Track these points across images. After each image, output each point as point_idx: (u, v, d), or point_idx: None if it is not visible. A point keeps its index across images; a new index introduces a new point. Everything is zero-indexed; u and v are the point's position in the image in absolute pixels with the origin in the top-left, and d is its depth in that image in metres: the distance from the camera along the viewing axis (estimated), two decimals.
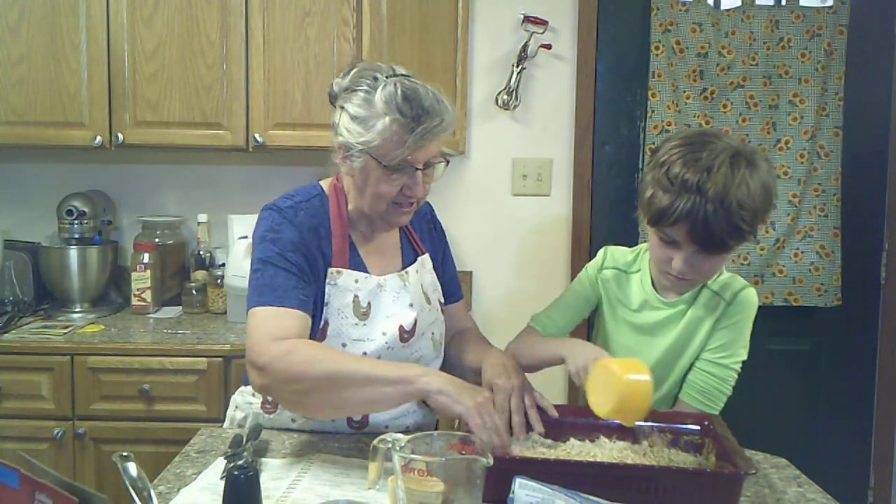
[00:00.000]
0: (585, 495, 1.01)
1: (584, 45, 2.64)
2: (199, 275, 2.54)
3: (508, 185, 2.69)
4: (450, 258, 1.66)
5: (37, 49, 2.28)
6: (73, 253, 2.42)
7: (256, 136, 2.33)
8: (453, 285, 1.64)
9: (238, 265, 2.32)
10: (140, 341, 2.16)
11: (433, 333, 1.49)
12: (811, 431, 2.77)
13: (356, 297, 1.39)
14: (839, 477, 2.04)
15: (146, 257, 2.45)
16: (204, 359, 2.11)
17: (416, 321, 1.43)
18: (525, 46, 2.56)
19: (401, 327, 1.41)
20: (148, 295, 2.45)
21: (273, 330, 1.25)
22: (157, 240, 2.57)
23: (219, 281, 2.45)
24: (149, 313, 2.46)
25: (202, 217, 2.58)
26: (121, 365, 2.10)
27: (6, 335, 2.18)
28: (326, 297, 1.38)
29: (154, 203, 2.69)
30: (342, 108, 1.35)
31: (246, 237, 2.42)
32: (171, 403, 2.11)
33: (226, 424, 1.56)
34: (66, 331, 2.23)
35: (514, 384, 1.29)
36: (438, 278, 1.57)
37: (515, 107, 2.61)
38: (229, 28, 2.31)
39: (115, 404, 2.11)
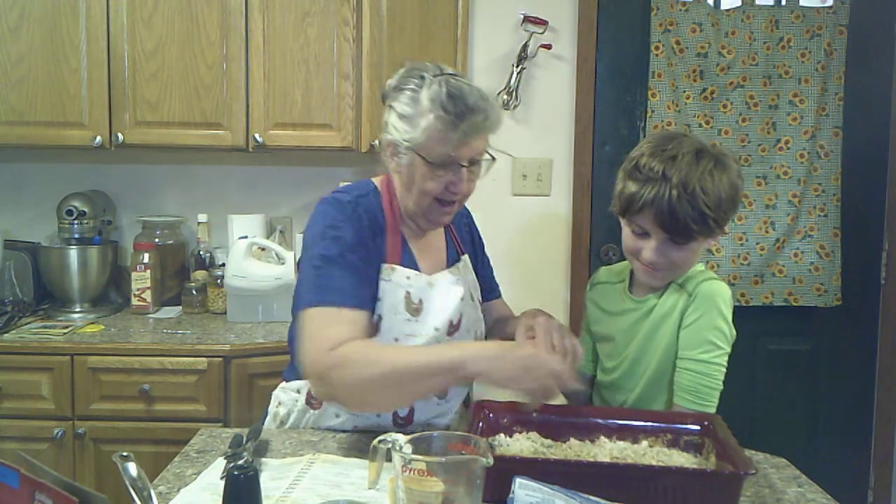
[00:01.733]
0: (585, 495, 1.01)
1: (584, 45, 2.64)
2: (199, 275, 2.54)
3: (508, 185, 2.69)
4: (487, 258, 1.74)
5: (37, 49, 2.28)
6: (73, 253, 2.42)
7: (256, 136, 2.33)
8: (493, 281, 1.73)
9: (238, 265, 2.33)
10: (140, 341, 2.16)
11: (476, 332, 1.52)
12: (811, 431, 2.77)
13: (408, 293, 1.40)
14: (839, 477, 2.04)
15: (146, 257, 2.45)
16: (204, 359, 2.11)
17: (461, 315, 1.46)
18: (525, 46, 2.56)
19: (450, 321, 1.43)
20: (148, 295, 2.45)
21: (331, 335, 1.25)
22: (157, 240, 2.57)
23: (219, 281, 2.45)
24: (149, 313, 2.46)
25: (202, 217, 2.58)
26: (121, 365, 2.10)
27: (6, 335, 2.18)
28: (380, 292, 1.38)
29: (154, 203, 2.69)
30: (391, 106, 1.39)
31: (246, 237, 2.42)
32: (171, 403, 2.11)
33: (268, 420, 1.55)
34: (66, 331, 2.23)
35: (553, 323, 1.32)
36: (478, 277, 1.62)
37: (515, 107, 2.61)
38: (229, 28, 2.31)
39: (115, 404, 2.11)
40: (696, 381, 1.38)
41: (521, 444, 1.25)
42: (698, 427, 1.26)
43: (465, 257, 1.60)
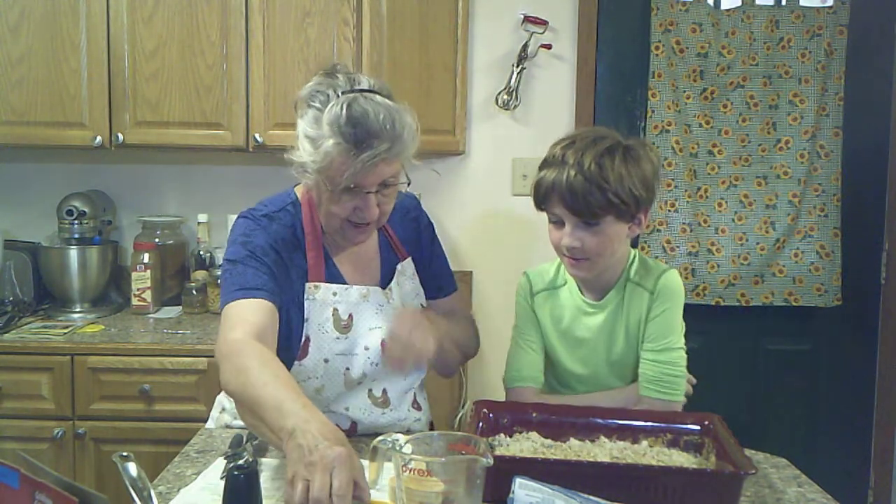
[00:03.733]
0: (585, 495, 1.01)
1: (584, 45, 2.64)
2: (199, 275, 2.54)
3: (508, 185, 2.69)
4: (439, 252, 1.59)
5: (37, 49, 2.28)
6: (73, 253, 2.42)
7: (256, 136, 2.33)
8: (443, 279, 1.58)
9: None
10: (140, 341, 2.16)
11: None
12: (811, 431, 2.77)
13: (335, 310, 1.38)
14: (839, 477, 2.04)
15: (146, 257, 2.45)
16: (204, 359, 2.11)
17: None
18: (525, 46, 2.56)
19: (383, 342, 1.37)
20: (148, 295, 2.45)
21: (234, 324, 1.23)
22: (157, 240, 2.57)
23: (219, 281, 2.45)
24: (149, 313, 2.46)
25: (202, 217, 2.58)
26: (121, 365, 2.10)
27: (6, 335, 2.18)
28: (306, 312, 1.36)
29: (154, 203, 2.69)
30: (300, 120, 1.32)
31: None
32: (171, 403, 2.11)
33: (209, 424, 1.52)
34: (66, 331, 2.23)
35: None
36: (424, 277, 1.53)
37: (515, 107, 2.61)
38: (229, 28, 2.31)
39: (115, 404, 2.11)
40: (659, 370, 1.39)
41: (522, 444, 1.25)
42: (698, 427, 1.26)
43: (405, 263, 1.50)
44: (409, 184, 1.35)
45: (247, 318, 1.24)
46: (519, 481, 1.02)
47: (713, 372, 1.64)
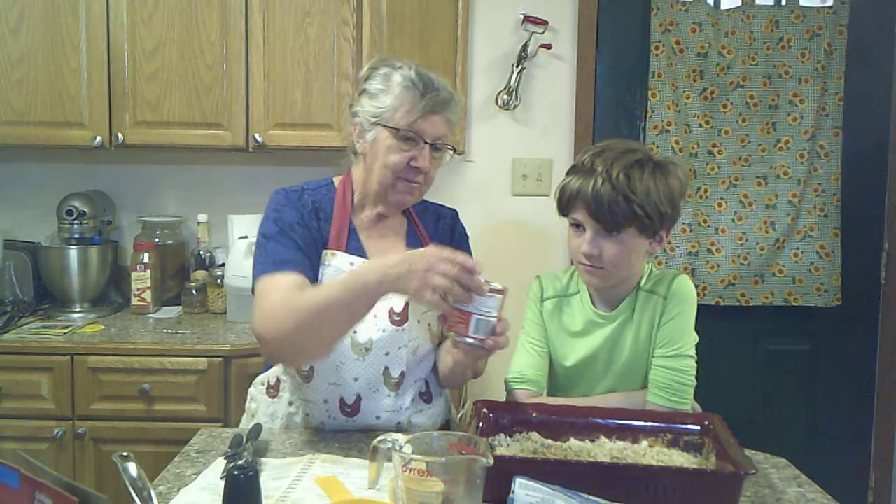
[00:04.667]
0: (585, 495, 1.01)
1: (584, 45, 2.64)
2: (199, 275, 2.54)
3: (508, 185, 2.69)
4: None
5: (37, 49, 2.28)
6: (73, 253, 2.42)
7: (256, 136, 2.33)
8: None
9: (238, 265, 2.32)
10: (140, 341, 2.16)
11: (429, 324, 1.50)
12: (811, 431, 2.77)
13: None
14: (839, 477, 2.04)
15: (146, 257, 2.45)
16: (204, 359, 2.11)
17: (406, 304, 1.44)
18: (525, 46, 2.56)
19: (391, 310, 1.43)
20: (148, 295, 2.45)
21: (267, 300, 1.32)
22: (157, 240, 2.57)
23: (219, 281, 2.45)
24: (149, 313, 2.46)
25: (202, 217, 2.58)
26: (121, 365, 2.10)
27: (6, 335, 2.18)
28: (320, 278, 1.42)
29: (154, 203, 2.69)
30: (363, 91, 1.47)
31: (246, 237, 2.42)
32: (171, 403, 2.11)
33: (244, 418, 1.59)
34: (66, 331, 2.23)
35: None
36: None
37: (515, 107, 2.61)
38: (229, 28, 2.31)
39: (115, 404, 2.11)
40: (669, 377, 1.38)
41: (522, 444, 1.25)
42: (698, 427, 1.26)
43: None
44: (455, 151, 1.52)
45: (278, 288, 1.32)
46: (519, 481, 1.02)
47: (713, 372, 1.63)
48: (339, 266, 1.43)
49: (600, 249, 1.37)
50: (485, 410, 1.30)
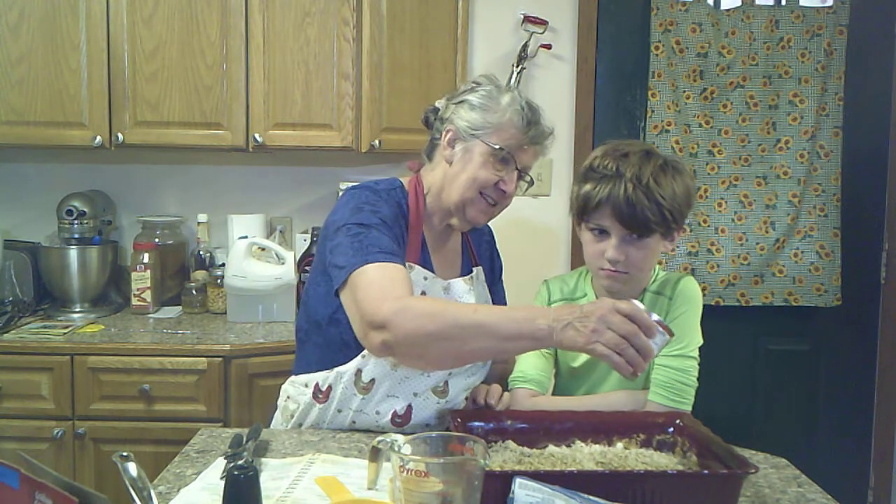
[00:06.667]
0: (585, 495, 1.01)
1: (584, 45, 2.64)
2: (199, 275, 2.54)
3: None
4: (502, 287, 1.74)
5: (37, 49, 2.28)
6: (73, 253, 2.42)
7: (256, 136, 2.33)
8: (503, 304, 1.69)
9: (238, 265, 2.33)
10: (140, 341, 2.16)
11: None
12: (811, 431, 2.77)
13: (423, 293, 1.41)
14: (839, 477, 2.04)
15: (146, 257, 2.45)
16: (204, 359, 2.11)
17: None
18: (525, 46, 2.56)
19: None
20: (148, 295, 2.45)
21: (387, 286, 1.25)
22: (157, 240, 2.57)
23: (219, 281, 2.45)
24: (149, 313, 2.46)
25: (202, 217, 2.58)
26: (121, 365, 2.10)
27: (6, 335, 2.18)
28: None
29: (154, 203, 2.69)
30: (462, 101, 1.46)
31: (246, 237, 2.42)
32: (171, 403, 2.11)
33: (276, 414, 1.54)
34: (66, 331, 2.23)
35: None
36: (491, 295, 1.62)
37: None
38: (229, 28, 2.31)
39: (115, 404, 2.11)
40: (672, 376, 1.39)
41: (502, 454, 1.21)
42: (671, 427, 1.26)
43: (478, 269, 1.59)
44: (531, 183, 1.54)
45: (396, 278, 1.27)
46: (519, 481, 1.01)
47: (713, 372, 1.63)
48: (415, 279, 1.38)
49: (626, 255, 1.37)
50: (459, 420, 1.26)
